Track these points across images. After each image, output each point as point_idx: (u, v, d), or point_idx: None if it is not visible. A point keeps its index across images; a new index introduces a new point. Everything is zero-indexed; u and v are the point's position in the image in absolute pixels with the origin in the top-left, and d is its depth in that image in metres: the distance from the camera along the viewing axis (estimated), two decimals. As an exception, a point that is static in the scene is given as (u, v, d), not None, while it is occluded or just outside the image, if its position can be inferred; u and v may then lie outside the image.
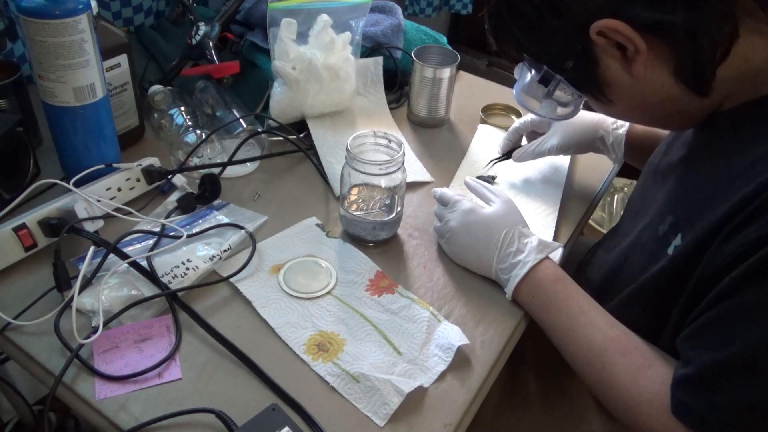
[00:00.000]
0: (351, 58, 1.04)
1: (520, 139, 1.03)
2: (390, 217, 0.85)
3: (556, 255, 0.79)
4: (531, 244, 0.77)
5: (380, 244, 0.87)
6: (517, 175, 1.01)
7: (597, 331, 0.70)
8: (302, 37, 1.02)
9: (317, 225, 0.88)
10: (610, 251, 0.82)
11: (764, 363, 0.55)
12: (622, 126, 0.95)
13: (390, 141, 0.83)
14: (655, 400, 0.63)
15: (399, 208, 0.85)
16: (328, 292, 0.78)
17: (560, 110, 0.77)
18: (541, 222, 0.92)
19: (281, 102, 1.01)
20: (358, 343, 0.72)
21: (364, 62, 1.11)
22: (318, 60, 0.99)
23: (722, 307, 0.58)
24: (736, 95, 0.64)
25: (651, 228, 0.71)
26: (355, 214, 0.84)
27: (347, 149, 0.80)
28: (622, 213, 0.90)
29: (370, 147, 0.84)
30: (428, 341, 0.73)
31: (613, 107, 0.68)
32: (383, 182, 0.83)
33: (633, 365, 0.66)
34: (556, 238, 0.90)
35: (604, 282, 0.80)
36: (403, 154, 0.81)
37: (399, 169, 0.81)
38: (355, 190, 0.85)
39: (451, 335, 0.73)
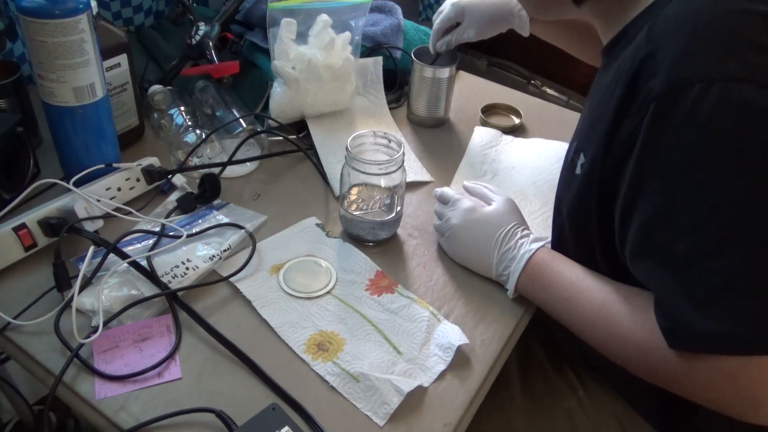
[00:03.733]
0: (351, 58, 1.04)
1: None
2: (390, 217, 0.85)
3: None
4: (528, 240, 0.77)
5: (380, 243, 0.87)
6: (517, 175, 1.01)
7: (595, 291, 0.70)
8: (302, 37, 1.02)
9: (317, 225, 0.88)
10: None
11: (710, 245, 0.57)
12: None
13: (390, 141, 0.83)
14: (663, 341, 0.61)
15: (399, 208, 0.85)
16: (328, 292, 0.78)
17: None
18: (541, 222, 0.92)
19: (281, 102, 1.01)
20: (357, 342, 0.72)
21: (364, 62, 1.11)
22: (318, 60, 0.99)
23: (641, 218, 0.61)
24: (609, 23, 0.71)
25: (564, 163, 0.77)
26: (354, 213, 0.84)
27: (347, 149, 0.80)
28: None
29: (370, 147, 0.84)
30: (428, 341, 0.73)
31: None
32: (383, 182, 0.83)
33: (632, 308, 0.65)
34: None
35: (555, 235, 0.83)
36: (403, 153, 0.81)
37: (399, 168, 0.81)
38: (354, 190, 0.85)
39: (451, 335, 0.73)
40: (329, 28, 1.01)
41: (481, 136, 1.09)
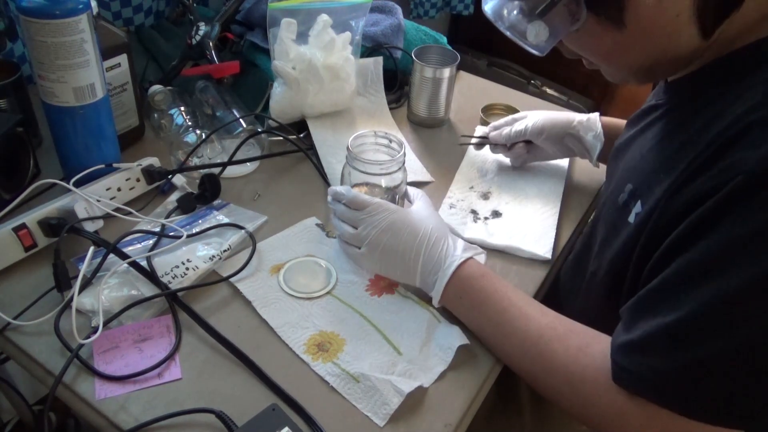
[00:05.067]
0: (351, 58, 1.04)
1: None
2: (390, 217, 0.84)
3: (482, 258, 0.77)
4: (455, 244, 0.75)
5: (380, 244, 0.87)
6: (518, 176, 1.01)
7: (530, 321, 0.68)
8: (302, 37, 1.02)
9: (317, 225, 0.88)
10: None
11: (714, 321, 0.53)
12: (593, 114, 0.95)
13: (390, 141, 0.83)
14: (599, 376, 0.61)
15: (399, 208, 0.85)
16: (328, 292, 0.78)
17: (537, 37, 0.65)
18: (541, 222, 0.92)
19: (281, 102, 1.01)
20: (358, 343, 0.72)
21: (364, 62, 1.11)
22: (318, 60, 0.99)
23: (671, 269, 0.56)
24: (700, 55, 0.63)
25: (611, 199, 0.71)
26: (355, 214, 0.84)
27: (348, 149, 0.80)
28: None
29: (371, 147, 0.84)
30: (428, 341, 0.73)
31: (619, 34, 0.60)
32: (384, 182, 0.82)
33: (571, 347, 0.64)
34: (556, 241, 0.89)
35: (575, 264, 0.79)
36: (404, 153, 0.81)
37: (399, 168, 0.81)
38: (355, 190, 0.85)
39: (451, 335, 0.73)
40: (329, 28, 1.01)
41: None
